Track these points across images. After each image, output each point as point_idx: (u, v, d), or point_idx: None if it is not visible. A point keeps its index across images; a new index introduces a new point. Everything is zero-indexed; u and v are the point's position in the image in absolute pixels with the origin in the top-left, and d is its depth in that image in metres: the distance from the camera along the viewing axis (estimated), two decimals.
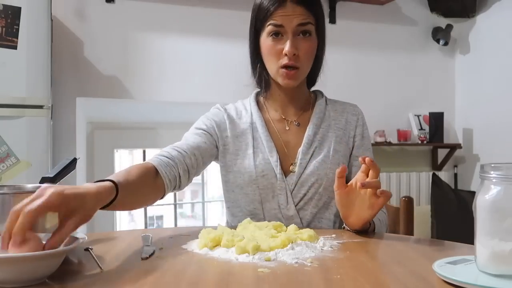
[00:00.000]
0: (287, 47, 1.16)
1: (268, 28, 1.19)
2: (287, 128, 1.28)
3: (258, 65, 1.27)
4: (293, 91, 1.28)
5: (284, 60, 1.18)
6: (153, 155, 1.13)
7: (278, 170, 1.20)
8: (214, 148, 1.26)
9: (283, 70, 1.19)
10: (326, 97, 1.36)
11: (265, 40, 1.21)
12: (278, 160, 1.21)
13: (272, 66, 1.21)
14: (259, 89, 1.34)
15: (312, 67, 1.26)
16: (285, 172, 1.22)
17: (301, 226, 1.20)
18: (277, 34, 1.18)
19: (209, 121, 1.28)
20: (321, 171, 1.21)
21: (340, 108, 1.33)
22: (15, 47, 2.09)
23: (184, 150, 1.16)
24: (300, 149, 1.23)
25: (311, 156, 1.23)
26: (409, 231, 1.27)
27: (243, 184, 1.22)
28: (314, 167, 1.21)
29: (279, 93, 1.29)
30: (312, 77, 1.32)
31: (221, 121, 1.28)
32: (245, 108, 1.33)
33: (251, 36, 1.26)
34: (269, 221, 1.07)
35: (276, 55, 1.19)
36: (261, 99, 1.34)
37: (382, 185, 3.74)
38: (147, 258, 0.82)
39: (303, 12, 1.17)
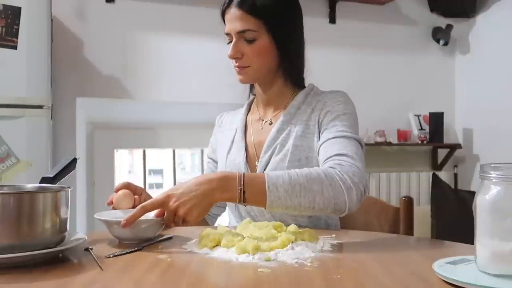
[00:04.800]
0: (229, 51, 1.22)
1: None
2: (261, 127, 1.31)
3: None
4: (267, 90, 1.30)
5: (233, 62, 1.24)
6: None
7: (243, 168, 1.24)
8: None
9: (236, 68, 1.25)
10: (313, 91, 1.30)
11: None
12: (245, 159, 1.26)
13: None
14: None
15: (287, 66, 1.26)
16: (252, 170, 1.25)
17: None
18: (230, 42, 1.23)
19: (211, 142, 1.44)
20: (280, 168, 1.19)
21: (316, 100, 1.27)
22: (15, 47, 2.09)
23: None
24: (263, 147, 1.25)
25: (272, 153, 1.23)
26: (409, 231, 1.27)
27: None
28: (274, 164, 1.21)
29: (258, 94, 1.34)
30: (292, 76, 1.28)
31: (216, 134, 1.43)
32: (240, 112, 1.39)
33: None
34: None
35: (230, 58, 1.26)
36: (255, 101, 1.39)
37: (383, 185, 3.72)
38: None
39: (243, 17, 1.20)
